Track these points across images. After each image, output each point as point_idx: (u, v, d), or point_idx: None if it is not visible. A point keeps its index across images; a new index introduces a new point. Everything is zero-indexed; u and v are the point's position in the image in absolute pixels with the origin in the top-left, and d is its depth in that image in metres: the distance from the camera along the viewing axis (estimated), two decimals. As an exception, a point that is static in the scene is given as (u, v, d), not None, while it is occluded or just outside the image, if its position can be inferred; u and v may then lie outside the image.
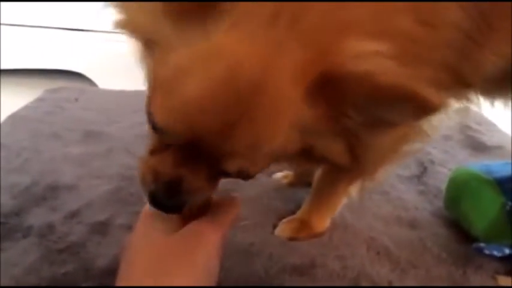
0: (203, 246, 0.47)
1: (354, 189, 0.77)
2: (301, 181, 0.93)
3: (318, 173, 0.78)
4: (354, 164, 0.52)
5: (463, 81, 0.58)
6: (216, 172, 0.47)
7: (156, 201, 0.48)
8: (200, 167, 0.45)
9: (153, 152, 0.49)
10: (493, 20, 0.54)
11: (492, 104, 0.75)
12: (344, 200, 0.79)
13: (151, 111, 0.44)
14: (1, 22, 1.70)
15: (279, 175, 0.97)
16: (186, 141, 0.43)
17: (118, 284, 0.46)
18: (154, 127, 0.45)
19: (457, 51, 0.52)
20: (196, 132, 0.41)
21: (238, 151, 0.42)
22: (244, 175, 0.47)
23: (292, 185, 0.94)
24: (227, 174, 0.47)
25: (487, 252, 0.73)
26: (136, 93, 1.47)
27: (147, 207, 0.52)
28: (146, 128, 0.48)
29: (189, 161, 0.45)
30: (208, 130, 0.41)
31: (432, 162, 1.06)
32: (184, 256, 0.46)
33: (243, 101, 0.39)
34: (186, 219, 0.51)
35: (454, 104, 0.72)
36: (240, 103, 0.39)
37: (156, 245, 0.47)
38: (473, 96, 0.70)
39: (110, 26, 0.49)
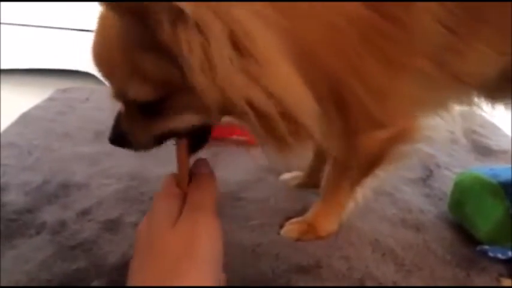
0: (204, 236, 0.48)
1: (359, 193, 0.78)
2: (309, 183, 0.93)
3: (325, 175, 0.79)
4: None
5: (454, 74, 0.61)
6: (135, 107, 0.55)
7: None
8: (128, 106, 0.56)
9: None
10: (482, 13, 0.56)
11: (493, 107, 0.75)
12: (351, 204, 0.79)
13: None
14: (9, 22, 1.72)
15: (287, 176, 0.98)
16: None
17: (130, 282, 0.47)
18: None
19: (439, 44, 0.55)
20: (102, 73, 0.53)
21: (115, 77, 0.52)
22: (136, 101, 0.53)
23: (300, 186, 0.95)
24: (141, 108, 0.54)
25: (491, 254, 0.74)
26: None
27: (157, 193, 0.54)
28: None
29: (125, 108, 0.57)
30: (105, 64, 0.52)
31: (438, 165, 1.07)
32: (188, 250, 0.46)
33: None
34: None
35: (458, 108, 0.74)
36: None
37: (159, 242, 0.48)
38: (475, 98, 0.71)
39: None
